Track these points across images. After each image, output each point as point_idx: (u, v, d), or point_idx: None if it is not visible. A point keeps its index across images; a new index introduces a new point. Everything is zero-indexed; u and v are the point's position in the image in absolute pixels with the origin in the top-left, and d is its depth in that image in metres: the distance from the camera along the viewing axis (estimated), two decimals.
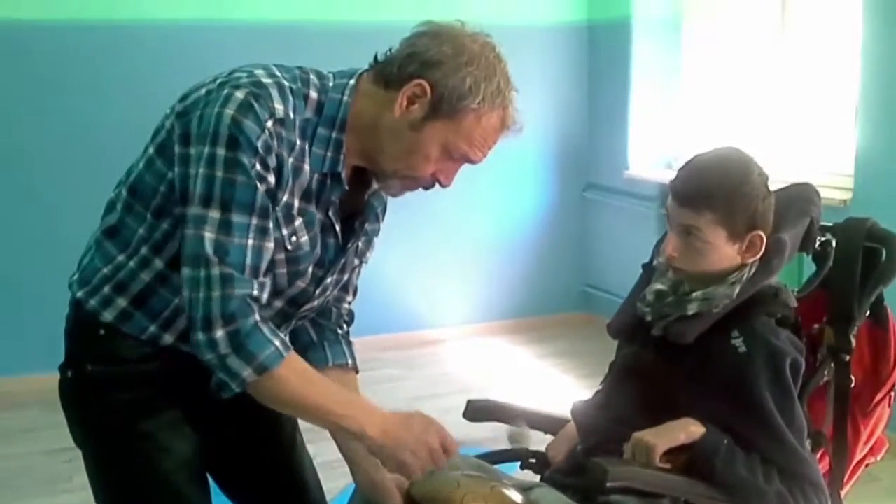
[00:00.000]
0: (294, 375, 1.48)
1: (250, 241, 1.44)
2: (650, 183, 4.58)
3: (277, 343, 1.46)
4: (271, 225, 1.47)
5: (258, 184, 1.43)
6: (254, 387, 1.46)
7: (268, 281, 1.49)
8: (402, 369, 4.39)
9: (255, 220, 1.44)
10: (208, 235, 1.42)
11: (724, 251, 1.62)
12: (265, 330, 1.46)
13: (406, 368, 4.41)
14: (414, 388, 4.13)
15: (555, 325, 4.96)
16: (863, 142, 3.49)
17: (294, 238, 1.52)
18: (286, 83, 1.48)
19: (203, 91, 1.48)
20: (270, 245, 1.48)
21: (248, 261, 1.44)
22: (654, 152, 4.74)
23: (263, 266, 1.47)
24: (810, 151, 3.93)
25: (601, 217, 4.98)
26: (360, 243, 1.67)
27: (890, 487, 3.05)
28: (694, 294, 1.63)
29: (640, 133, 4.72)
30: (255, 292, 1.45)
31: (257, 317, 1.45)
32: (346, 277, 1.70)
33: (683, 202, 1.61)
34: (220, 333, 1.43)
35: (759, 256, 1.62)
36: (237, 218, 1.43)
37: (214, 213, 1.43)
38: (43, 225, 4.02)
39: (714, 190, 1.60)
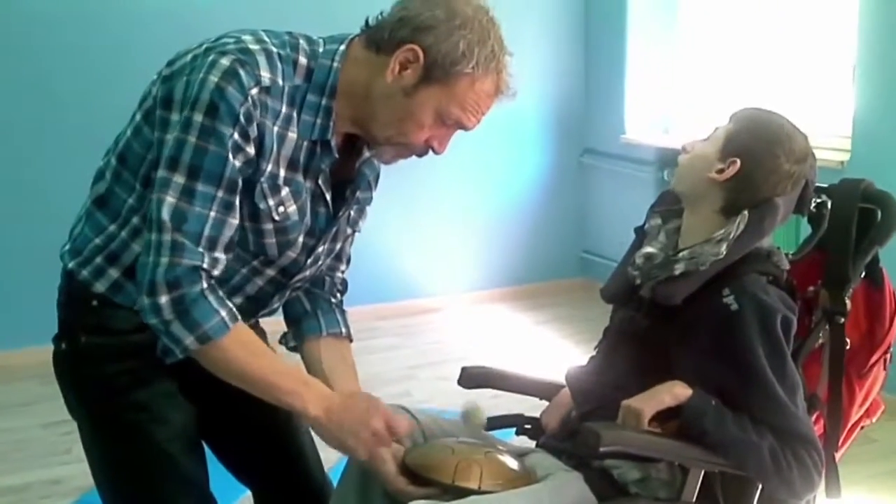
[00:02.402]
0: (239, 347, 1.48)
1: (212, 213, 1.43)
2: (647, 147, 4.57)
3: (224, 313, 1.45)
4: (237, 201, 1.45)
5: (231, 156, 1.41)
6: (198, 354, 1.46)
7: (224, 258, 1.47)
8: (398, 338, 4.39)
9: (221, 193, 1.43)
10: (169, 200, 1.41)
11: (708, 158, 1.64)
12: (212, 299, 1.44)
13: (403, 337, 4.41)
14: (410, 357, 4.14)
15: (552, 292, 4.96)
16: (860, 103, 3.47)
17: (281, 208, 1.51)
18: (274, 49, 1.46)
19: (189, 57, 1.46)
20: (234, 221, 1.46)
21: (206, 232, 1.43)
22: (651, 117, 4.72)
23: (223, 240, 1.45)
24: (807, 113, 3.91)
25: (598, 182, 4.97)
26: (351, 212, 1.65)
27: (886, 449, 3.07)
28: (681, 254, 1.63)
29: (636, 98, 4.70)
30: (205, 265, 1.44)
31: (204, 284, 1.44)
32: (338, 246, 1.69)
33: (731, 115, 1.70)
34: (164, 299, 1.42)
35: (728, 177, 1.62)
36: (202, 187, 1.41)
37: (179, 179, 1.41)
38: (35, 196, 3.99)
39: (754, 115, 1.66)
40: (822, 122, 3.79)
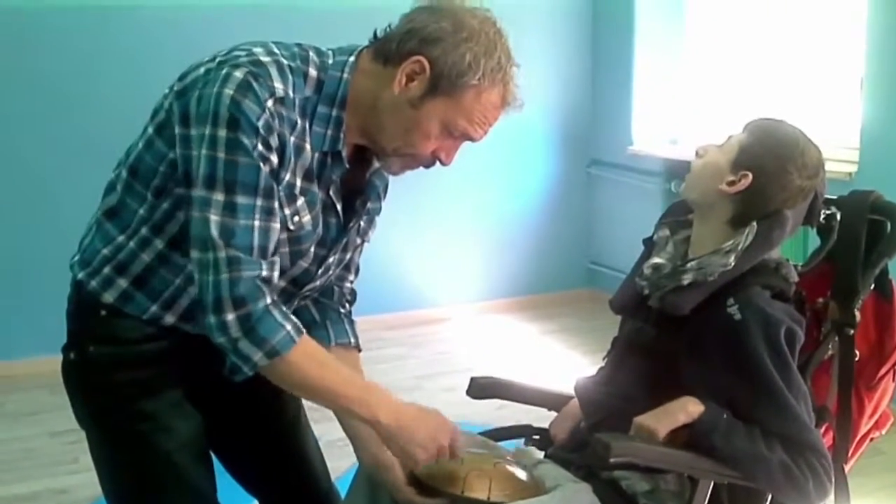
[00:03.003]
0: (306, 359, 1.48)
1: (256, 223, 1.44)
2: (654, 159, 4.57)
3: (289, 327, 1.46)
4: (276, 205, 1.46)
5: (261, 164, 1.42)
6: (266, 370, 1.46)
7: (277, 260, 1.48)
8: (406, 348, 4.39)
9: (260, 201, 1.44)
10: (213, 218, 1.42)
11: (719, 168, 1.63)
12: (276, 313, 1.45)
13: (410, 347, 4.41)
14: (418, 367, 4.14)
15: (559, 302, 4.95)
16: (868, 114, 3.47)
17: (297, 218, 1.51)
18: (285, 61, 1.47)
19: (202, 70, 1.47)
20: (276, 225, 1.47)
21: (256, 242, 1.44)
22: (658, 128, 4.72)
23: (271, 246, 1.46)
24: (815, 124, 3.90)
25: (605, 193, 4.97)
26: (361, 222, 1.66)
27: (894, 461, 3.05)
28: (689, 264, 1.63)
29: (643, 109, 4.70)
30: (265, 273, 1.45)
31: (268, 299, 1.45)
32: (347, 256, 1.69)
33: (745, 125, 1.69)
34: (230, 316, 1.42)
35: (738, 191, 1.62)
36: (242, 199, 1.42)
37: (219, 196, 1.42)
38: (45, 207, 4.00)
39: (768, 127, 1.66)
40: (831, 134, 3.79)
